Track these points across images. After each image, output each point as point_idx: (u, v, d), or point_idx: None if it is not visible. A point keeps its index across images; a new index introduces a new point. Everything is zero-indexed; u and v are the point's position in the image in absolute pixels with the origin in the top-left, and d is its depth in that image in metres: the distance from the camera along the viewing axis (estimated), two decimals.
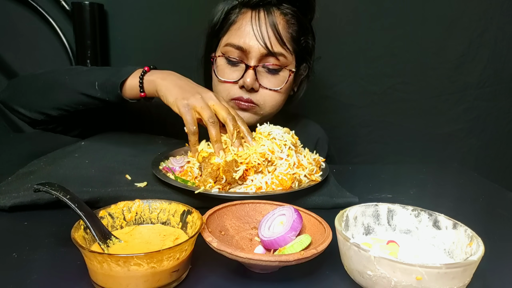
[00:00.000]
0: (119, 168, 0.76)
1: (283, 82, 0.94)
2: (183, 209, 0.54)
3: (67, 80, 0.85)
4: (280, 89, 0.93)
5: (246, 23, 0.90)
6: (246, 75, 0.90)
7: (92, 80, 0.82)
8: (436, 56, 1.46)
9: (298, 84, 1.04)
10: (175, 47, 1.34)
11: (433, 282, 0.42)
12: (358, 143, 1.55)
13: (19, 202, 0.63)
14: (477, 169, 1.51)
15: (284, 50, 0.90)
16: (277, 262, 0.45)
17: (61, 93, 0.85)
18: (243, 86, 0.91)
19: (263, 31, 0.88)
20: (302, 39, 0.95)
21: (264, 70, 0.92)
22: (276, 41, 0.89)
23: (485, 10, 1.42)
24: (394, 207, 0.58)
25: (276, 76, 0.93)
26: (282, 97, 0.97)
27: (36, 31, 1.31)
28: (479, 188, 0.90)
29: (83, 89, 0.83)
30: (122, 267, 0.41)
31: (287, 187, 0.69)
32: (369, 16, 1.41)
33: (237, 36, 0.90)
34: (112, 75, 0.82)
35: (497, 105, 1.52)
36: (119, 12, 1.35)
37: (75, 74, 0.86)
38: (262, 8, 0.90)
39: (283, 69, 0.93)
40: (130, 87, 0.81)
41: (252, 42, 0.88)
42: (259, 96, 0.93)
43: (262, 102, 0.93)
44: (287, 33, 0.91)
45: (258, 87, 0.92)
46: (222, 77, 0.93)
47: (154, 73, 0.81)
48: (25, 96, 0.88)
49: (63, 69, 0.90)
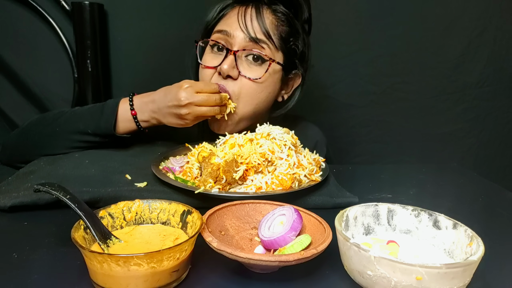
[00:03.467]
0: (119, 168, 0.77)
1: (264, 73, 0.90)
2: (183, 209, 0.54)
3: (59, 131, 0.88)
4: (260, 78, 0.89)
5: (234, 14, 0.92)
6: (225, 60, 0.89)
7: (82, 129, 0.86)
8: (436, 56, 1.46)
9: (290, 93, 1.01)
10: (175, 47, 1.34)
11: (433, 282, 0.42)
12: (358, 143, 1.55)
13: (19, 202, 0.63)
14: (476, 169, 1.51)
15: (268, 41, 0.89)
16: (277, 262, 0.45)
17: (57, 144, 0.88)
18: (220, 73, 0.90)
19: (247, 19, 0.89)
20: (291, 39, 0.94)
21: (247, 59, 0.90)
22: (259, 29, 0.89)
23: (484, 10, 1.42)
24: (394, 207, 0.58)
25: (258, 67, 0.90)
26: (262, 93, 0.92)
27: (36, 31, 1.30)
28: (478, 188, 0.90)
29: (78, 138, 0.87)
30: (122, 267, 0.41)
31: (287, 187, 0.69)
32: (369, 16, 1.41)
33: (223, 24, 0.93)
34: (99, 119, 0.86)
35: (496, 105, 1.52)
36: (119, 12, 1.35)
37: (64, 123, 0.89)
38: (251, 3, 0.92)
39: (267, 62, 0.90)
40: (125, 127, 0.88)
41: (235, 26, 0.89)
42: (235, 85, 0.90)
43: (237, 93, 0.90)
44: (274, 30, 0.91)
45: (237, 75, 0.89)
46: (203, 62, 0.94)
47: (144, 113, 0.86)
48: (22, 155, 0.91)
49: (49, 117, 0.92)
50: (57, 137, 0.87)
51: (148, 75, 1.36)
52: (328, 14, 1.40)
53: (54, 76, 1.34)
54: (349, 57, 1.45)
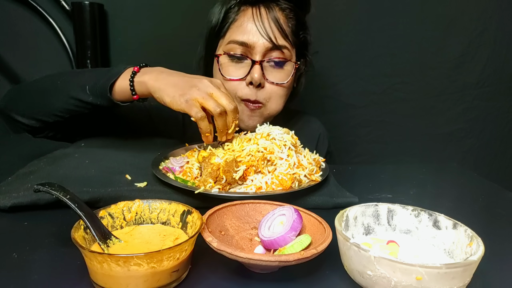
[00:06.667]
0: (119, 168, 0.76)
1: (288, 76, 0.95)
2: (183, 209, 0.54)
3: (59, 85, 0.83)
4: (286, 82, 0.95)
5: (248, 19, 0.91)
6: (253, 70, 0.90)
7: (82, 84, 0.80)
8: (436, 56, 1.46)
9: (297, 79, 1.04)
10: (175, 47, 1.34)
11: (433, 282, 0.42)
12: (358, 143, 1.55)
13: (19, 202, 0.63)
14: (476, 169, 1.51)
15: (287, 43, 0.92)
16: (277, 262, 0.45)
17: (53, 99, 0.82)
18: (251, 82, 0.91)
19: (266, 26, 0.89)
20: (301, 33, 0.96)
21: (269, 64, 0.93)
22: (280, 35, 0.90)
23: (484, 10, 1.42)
24: (394, 207, 0.58)
25: (281, 70, 0.94)
26: (286, 93, 0.97)
27: (36, 31, 1.31)
28: (478, 188, 0.90)
29: (74, 94, 0.80)
30: (122, 267, 0.41)
31: (287, 187, 0.69)
32: (369, 16, 1.41)
33: (240, 33, 0.91)
34: (101, 77, 0.78)
35: (496, 105, 1.52)
36: (119, 12, 1.35)
37: (67, 78, 0.84)
38: (261, 4, 0.91)
39: (288, 62, 0.94)
40: (121, 90, 0.78)
41: (256, 37, 0.89)
42: (265, 93, 0.94)
43: (268, 99, 0.94)
44: (287, 27, 0.93)
45: (264, 82, 0.93)
46: (228, 75, 0.93)
47: (145, 73, 0.77)
48: (21, 104, 0.86)
49: (58, 73, 0.87)
50: (56, 89, 0.82)
51: None
52: (329, 14, 1.40)
53: None
54: (349, 57, 1.45)
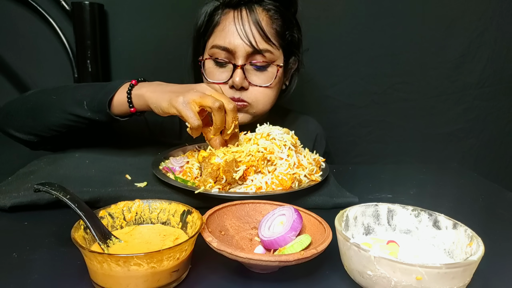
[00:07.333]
0: (119, 168, 0.76)
1: (272, 78, 0.94)
2: (183, 209, 0.54)
3: (55, 100, 0.82)
4: (270, 84, 0.94)
5: (229, 23, 0.90)
6: (234, 74, 0.90)
7: (79, 99, 0.79)
8: (436, 56, 1.46)
9: (289, 78, 1.04)
10: (175, 47, 1.33)
11: (433, 282, 0.42)
12: (358, 143, 1.55)
13: (19, 202, 0.63)
14: (476, 169, 1.51)
15: (270, 46, 0.91)
16: (277, 262, 0.45)
17: (50, 114, 0.81)
18: (233, 86, 0.91)
19: (246, 30, 0.89)
20: (287, 33, 0.95)
21: (252, 68, 0.92)
22: (260, 38, 0.89)
23: (485, 10, 1.42)
24: (394, 207, 0.58)
25: (264, 72, 0.93)
26: (273, 93, 0.97)
27: (36, 31, 1.30)
28: (478, 188, 0.90)
29: (71, 109, 0.79)
30: (122, 267, 0.41)
31: (287, 187, 0.69)
32: (369, 16, 1.41)
33: (222, 37, 0.91)
34: (98, 92, 0.78)
35: (496, 105, 1.52)
36: (119, 12, 1.35)
37: (63, 93, 0.83)
38: (244, 6, 0.91)
39: (271, 65, 0.93)
40: (119, 103, 0.77)
41: (237, 42, 0.89)
42: (250, 94, 0.93)
43: (254, 100, 0.94)
44: (271, 29, 0.92)
45: (247, 85, 0.92)
46: (212, 79, 0.93)
47: (142, 86, 0.76)
48: (17, 119, 0.85)
49: (52, 88, 0.86)
50: (52, 105, 0.81)
51: (148, 75, 1.36)
52: (329, 14, 1.40)
53: (54, 76, 1.34)
54: (349, 57, 1.45)
